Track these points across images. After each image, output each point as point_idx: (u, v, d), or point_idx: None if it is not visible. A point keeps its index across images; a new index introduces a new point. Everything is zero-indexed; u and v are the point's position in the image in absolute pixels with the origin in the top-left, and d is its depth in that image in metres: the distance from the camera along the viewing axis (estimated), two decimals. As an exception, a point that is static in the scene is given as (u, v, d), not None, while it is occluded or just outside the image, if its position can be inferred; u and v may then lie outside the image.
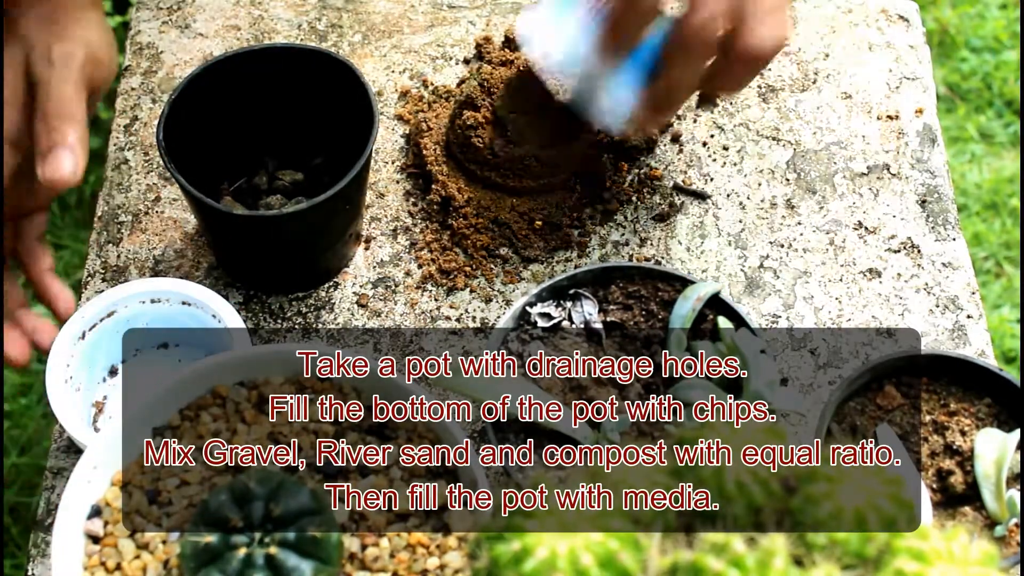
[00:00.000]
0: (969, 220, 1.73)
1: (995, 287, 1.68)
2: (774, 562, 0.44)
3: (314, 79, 0.83)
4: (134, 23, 0.99)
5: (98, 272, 0.87)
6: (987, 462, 0.72)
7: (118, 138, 0.93)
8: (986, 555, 0.46)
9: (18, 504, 1.50)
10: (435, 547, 0.68)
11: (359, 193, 0.83)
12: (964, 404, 0.75)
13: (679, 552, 0.46)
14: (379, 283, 0.86)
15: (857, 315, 0.84)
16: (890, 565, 0.46)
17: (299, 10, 0.99)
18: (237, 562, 0.62)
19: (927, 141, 0.92)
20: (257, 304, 0.85)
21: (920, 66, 0.95)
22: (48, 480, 0.79)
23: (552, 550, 0.45)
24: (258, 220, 0.78)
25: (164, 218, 0.89)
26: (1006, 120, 1.84)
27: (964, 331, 0.84)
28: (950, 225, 0.88)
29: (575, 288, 0.79)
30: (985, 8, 1.93)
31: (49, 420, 1.53)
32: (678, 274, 0.78)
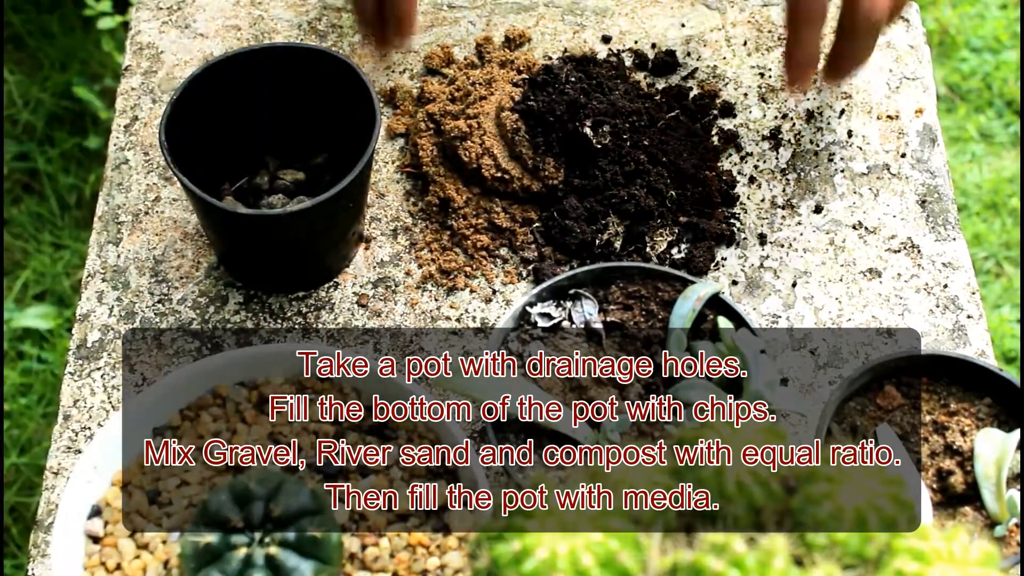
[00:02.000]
0: (969, 220, 1.73)
1: (995, 287, 1.68)
2: (774, 562, 0.44)
3: (315, 79, 0.83)
4: (134, 23, 0.99)
5: (98, 272, 0.87)
6: (987, 462, 0.72)
7: (118, 138, 0.93)
8: (986, 555, 0.46)
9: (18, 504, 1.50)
10: (435, 547, 0.68)
11: (361, 192, 0.83)
12: (964, 404, 0.75)
13: (679, 552, 0.46)
14: (379, 283, 0.86)
15: (857, 315, 0.84)
16: (890, 565, 0.46)
17: (299, 10, 0.99)
18: (237, 562, 0.62)
19: (927, 141, 0.92)
20: (257, 304, 0.85)
21: (920, 66, 0.95)
22: (48, 480, 0.79)
23: (552, 550, 0.45)
24: (261, 219, 0.78)
25: (164, 218, 0.89)
26: (1006, 120, 1.84)
27: (964, 331, 0.84)
28: (950, 225, 0.88)
29: (575, 288, 0.79)
30: (985, 8, 1.93)
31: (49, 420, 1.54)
32: (678, 274, 0.78)
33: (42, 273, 1.68)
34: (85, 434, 0.80)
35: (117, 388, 0.82)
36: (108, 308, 0.85)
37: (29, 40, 1.89)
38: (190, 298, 0.86)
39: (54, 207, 1.74)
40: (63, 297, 1.66)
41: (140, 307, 0.85)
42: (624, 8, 0.98)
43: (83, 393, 0.82)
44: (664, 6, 0.98)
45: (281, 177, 0.87)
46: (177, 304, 0.85)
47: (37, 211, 1.74)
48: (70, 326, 1.21)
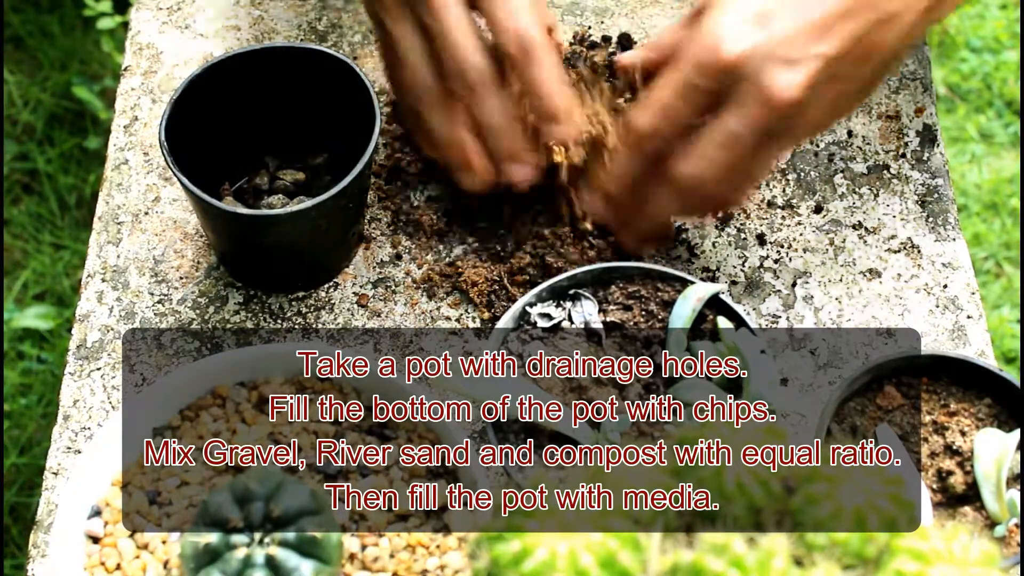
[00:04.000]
0: (969, 220, 1.73)
1: (995, 287, 1.68)
2: (774, 562, 0.44)
3: (315, 79, 0.83)
4: (134, 23, 0.99)
5: (98, 272, 0.87)
6: (987, 462, 0.72)
7: (118, 138, 0.93)
8: (986, 555, 0.47)
9: (18, 504, 1.50)
10: (435, 547, 0.68)
11: (361, 192, 0.83)
12: (964, 404, 0.75)
13: (679, 552, 0.46)
14: (379, 283, 0.86)
15: (857, 315, 0.84)
16: (890, 565, 0.46)
17: (299, 10, 0.99)
18: (237, 562, 0.62)
19: (927, 141, 0.92)
20: (257, 304, 0.85)
21: (920, 66, 0.95)
22: (48, 480, 0.79)
23: (552, 550, 0.45)
24: (261, 219, 0.78)
25: (164, 218, 0.89)
26: (1006, 120, 1.84)
27: (964, 331, 0.84)
28: (950, 225, 0.88)
29: (575, 288, 0.79)
30: (985, 8, 1.93)
31: (49, 420, 1.54)
32: (678, 274, 0.78)
33: (42, 273, 1.68)
34: (85, 434, 0.80)
35: (117, 388, 0.82)
36: (108, 308, 0.85)
37: (29, 40, 1.89)
38: (190, 298, 0.86)
39: (54, 207, 1.74)
40: (63, 297, 1.66)
41: (140, 307, 0.85)
42: (624, 8, 0.98)
43: (83, 393, 0.82)
44: (664, 6, 0.98)
45: (281, 177, 0.87)
46: (177, 304, 0.85)
47: (37, 211, 1.74)
48: (70, 326, 1.21)
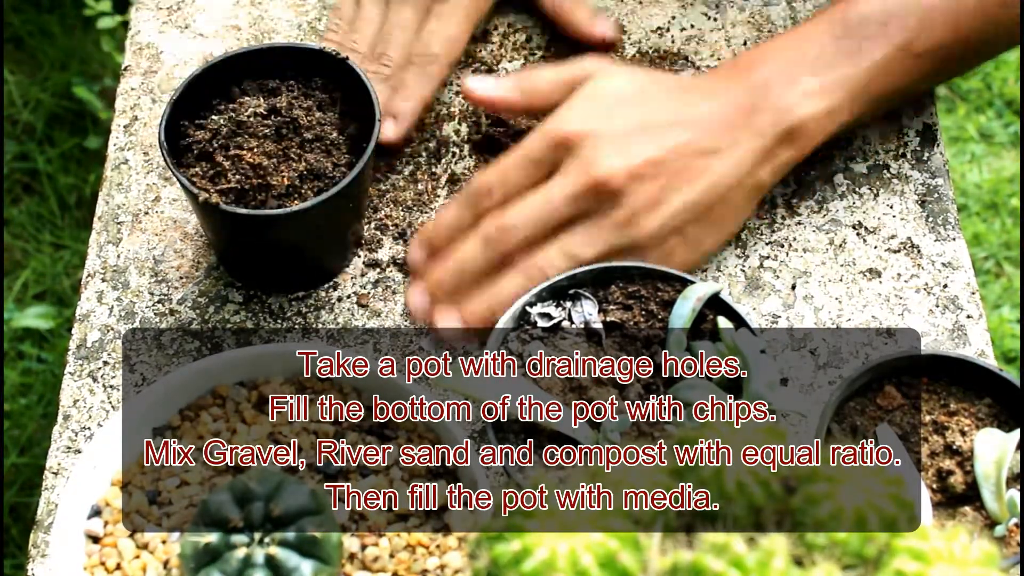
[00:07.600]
0: (969, 220, 1.73)
1: (995, 287, 1.68)
2: (774, 562, 0.44)
3: (315, 79, 0.83)
4: (134, 23, 0.99)
5: (98, 272, 0.87)
6: (987, 462, 0.72)
7: (118, 138, 0.93)
8: (986, 555, 0.46)
9: (18, 504, 1.50)
10: (435, 547, 0.68)
11: (361, 192, 0.83)
12: (964, 404, 0.75)
13: (679, 552, 0.46)
14: (379, 283, 0.86)
15: (857, 315, 0.84)
16: (890, 565, 0.46)
17: (299, 10, 0.99)
18: (237, 562, 0.62)
19: (927, 141, 0.92)
20: (257, 304, 0.85)
21: (920, 66, 0.95)
22: (48, 480, 0.79)
23: (552, 550, 0.45)
24: (261, 219, 0.78)
25: (164, 218, 0.89)
26: (1006, 120, 1.84)
27: (964, 331, 0.84)
28: (950, 225, 0.88)
29: (575, 288, 0.79)
30: (985, 8, 1.93)
31: (49, 420, 1.54)
32: (678, 274, 0.78)
33: (42, 273, 1.68)
34: (85, 434, 0.80)
35: (117, 388, 0.82)
36: (108, 308, 0.85)
37: (29, 40, 1.89)
38: (190, 298, 0.86)
39: (54, 207, 1.74)
40: (63, 297, 1.67)
41: (140, 307, 0.85)
42: (624, 8, 0.98)
43: (83, 393, 0.82)
44: (664, 6, 0.98)
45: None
46: (177, 304, 0.85)
47: (37, 211, 1.74)
48: (70, 326, 1.21)
